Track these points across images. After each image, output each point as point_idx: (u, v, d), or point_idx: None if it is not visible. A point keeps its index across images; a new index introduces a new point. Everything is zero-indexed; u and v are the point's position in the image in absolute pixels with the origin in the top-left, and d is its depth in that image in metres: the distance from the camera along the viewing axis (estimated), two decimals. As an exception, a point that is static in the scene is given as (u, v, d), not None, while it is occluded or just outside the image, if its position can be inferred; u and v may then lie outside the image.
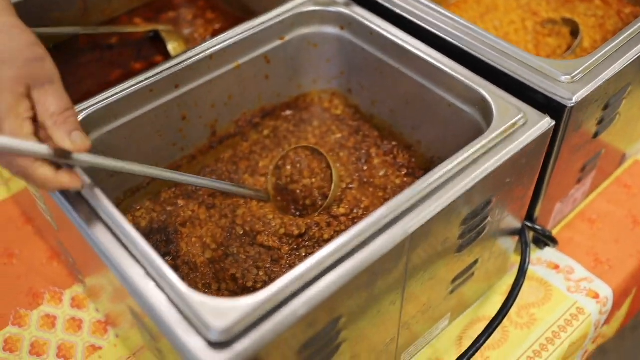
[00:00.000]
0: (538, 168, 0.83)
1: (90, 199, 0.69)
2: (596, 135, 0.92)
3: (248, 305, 0.60)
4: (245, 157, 0.97)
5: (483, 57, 0.85)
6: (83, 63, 1.09)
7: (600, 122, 0.90)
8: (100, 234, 0.67)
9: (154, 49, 1.11)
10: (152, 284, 0.63)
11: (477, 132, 0.82)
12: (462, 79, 0.82)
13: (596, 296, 0.98)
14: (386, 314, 0.75)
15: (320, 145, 0.97)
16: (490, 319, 0.85)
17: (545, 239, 0.97)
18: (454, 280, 0.85)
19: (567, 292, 0.99)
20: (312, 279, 0.63)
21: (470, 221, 0.76)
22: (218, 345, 0.59)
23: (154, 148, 0.89)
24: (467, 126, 0.84)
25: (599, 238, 1.06)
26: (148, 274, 0.64)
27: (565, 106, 0.79)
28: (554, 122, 0.78)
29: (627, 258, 1.03)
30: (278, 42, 0.94)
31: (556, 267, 1.02)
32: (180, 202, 0.92)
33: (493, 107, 0.78)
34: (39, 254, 1.06)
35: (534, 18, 1.14)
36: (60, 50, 1.11)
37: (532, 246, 1.03)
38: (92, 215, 0.69)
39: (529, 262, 0.89)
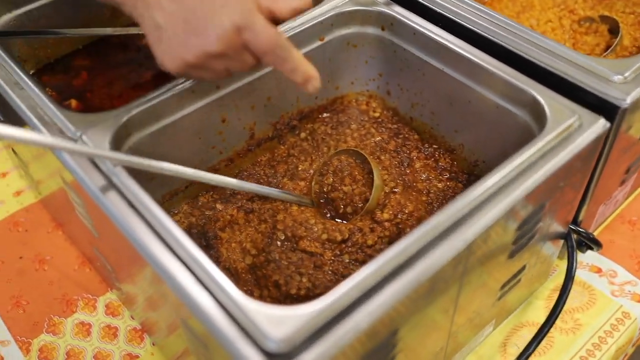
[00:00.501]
0: (589, 171, 0.81)
1: (139, 204, 0.67)
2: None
3: (307, 314, 0.58)
4: (283, 161, 0.96)
5: (529, 56, 0.83)
6: (113, 64, 1.07)
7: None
8: (148, 240, 0.65)
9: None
10: (204, 291, 0.61)
11: (525, 134, 0.80)
12: (512, 79, 0.80)
13: (641, 300, 0.97)
14: (439, 323, 0.73)
15: (359, 148, 0.95)
16: (534, 324, 0.84)
17: (589, 242, 0.95)
18: (502, 287, 0.83)
19: (612, 296, 0.97)
20: (371, 287, 0.61)
21: (525, 226, 0.74)
22: (276, 356, 0.57)
23: (194, 151, 0.87)
24: (514, 128, 0.82)
25: (640, 240, 1.04)
26: (200, 280, 0.62)
27: (618, 107, 0.77)
28: (609, 124, 0.75)
29: (672, 261, 1.01)
30: (318, 43, 0.92)
31: (599, 270, 1.01)
32: (219, 207, 0.90)
33: (546, 108, 0.76)
34: (70, 260, 1.05)
35: (571, 16, 1.12)
36: (90, 51, 1.09)
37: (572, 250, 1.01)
38: (141, 221, 0.66)
39: (576, 266, 0.87)
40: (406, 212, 0.86)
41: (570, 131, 0.74)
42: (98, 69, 1.06)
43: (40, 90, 0.81)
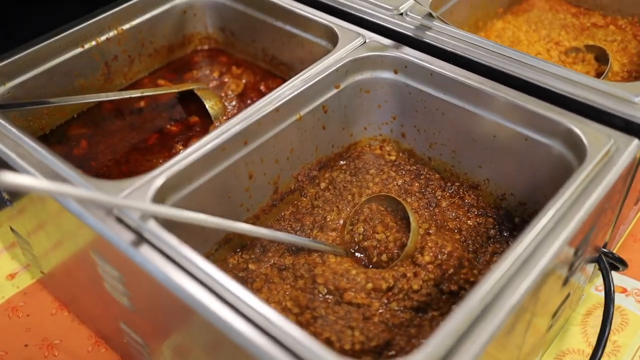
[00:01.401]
0: (624, 192, 0.83)
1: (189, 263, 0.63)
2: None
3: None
4: (308, 213, 0.93)
5: (550, 86, 0.85)
6: (113, 130, 1.03)
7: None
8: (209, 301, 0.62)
9: (185, 110, 1.07)
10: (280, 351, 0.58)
11: (559, 164, 0.81)
12: (540, 110, 0.81)
13: (670, 315, 0.98)
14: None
15: (384, 193, 0.94)
16: (575, 351, 0.83)
17: (616, 263, 0.96)
18: (553, 316, 0.82)
19: (642, 315, 0.98)
20: (462, 333, 0.59)
21: (578, 252, 0.74)
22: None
23: (224, 211, 0.84)
24: (546, 158, 0.83)
25: (655, 257, 1.06)
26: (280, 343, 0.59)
27: (644, 126, 0.79)
28: (642, 144, 0.77)
29: (686, 273, 1.04)
30: (334, 91, 0.92)
31: (624, 290, 1.02)
32: (252, 267, 0.86)
33: (582, 136, 0.77)
34: (82, 340, 0.97)
35: (558, 48, 1.16)
36: (85, 120, 1.05)
37: (592, 269, 1.03)
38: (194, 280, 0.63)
39: (614, 289, 0.88)
40: (445, 252, 0.85)
41: (610, 155, 0.75)
42: (98, 136, 1.02)
43: (60, 160, 0.76)
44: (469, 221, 0.91)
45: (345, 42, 0.94)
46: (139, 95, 0.99)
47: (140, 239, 0.68)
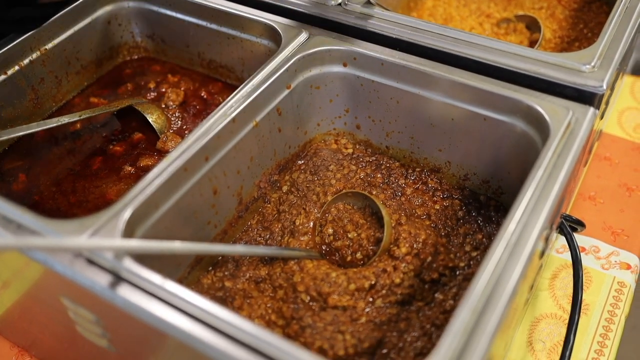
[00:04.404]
0: (583, 159, 0.85)
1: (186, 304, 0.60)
2: (603, 115, 0.96)
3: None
4: (275, 219, 0.91)
5: (502, 64, 0.85)
6: (51, 158, 0.96)
7: (606, 102, 0.94)
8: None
9: (126, 127, 1.01)
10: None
11: (521, 139, 0.83)
12: (496, 90, 0.82)
13: (628, 267, 1.02)
14: (506, 345, 0.73)
15: (347, 188, 0.93)
16: (548, 316, 0.86)
17: (574, 225, 0.99)
18: (530, 288, 0.84)
19: (603, 270, 1.02)
20: (471, 329, 0.59)
21: (552, 225, 0.76)
22: None
23: (193, 232, 0.81)
24: (507, 136, 0.84)
25: (605, 212, 1.11)
26: None
27: (596, 94, 0.82)
28: (597, 111, 0.80)
29: (637, 224, 1.09)
30: (286, 92, 0.89)
31: (582, 249, 1.05)
32: (228, 284, 0.83)
33: (542, 112, 0.78)
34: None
35: (490, 20, 1.18)
36: (19, 151, 0.97)
37: (556, 235, 1.06)
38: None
39: (579, 252, 0.91)
40: (420, 240, 0.85)
41: (572, 128, 0.77)
42: (36, 167, 0.94)
43: (9, 203, 0.71)
44: (436, 205, 0.92)
45: (288, 39, 0.91)
46: (77, 119, 0.93)
47: (118, 279, 0.64)
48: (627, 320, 0.98)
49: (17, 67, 0.95)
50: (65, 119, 0.92)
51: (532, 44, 1.13)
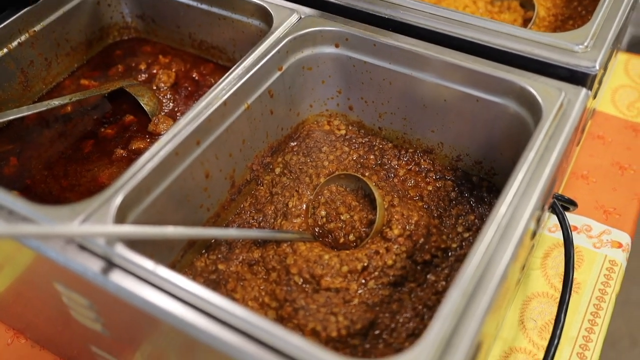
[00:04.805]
0: (575, 139, 0.85)
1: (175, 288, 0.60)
2: (596, 94, 0.95)
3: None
4: (268, 201, 0.91)
5: (495, 44, 0.85)
6: (42, 142, 0.96)
7: (599, 82, 0.93)
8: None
9: (118, 110, 1.00)
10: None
11: (514, 120, 0.83)
12: (488, 71, 0.82)
13: (620, 245, 1.03)
14: (498, 325, 0.73)
15: (340, 170, 0.92)
16: (540, 294, 0.86)
17: (567, 204, 1.00)
18: (522, 268, 0.85)
19: (595, 249, 1.03)
20: (462, 311, 0.59)
21: (543, 206, 0.76)
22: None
23: (185, 215, 0.80)
24: (499, 117, 0.84)
25: (598, 191, 1.11)
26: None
27: (589, 74, 0.81)
28: (589, 92, 0.79)
29: (629, 202, 1.09)
30: (278, 74, 0.88)
31: (574, 228, 1.06)
32: (221, 267, 0.84)
33: (535, 94, 0.78)
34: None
35: (483, -2, 1.16)
36: (9, 135, 0.97)
37: (549, 214, 1.06)
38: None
39: (571, 231, 0.91)
40: (412, 222, 0.85)
41: (564, 109, 0.77)
42: (27, 151, 0.94)
43: (1, 189, 0.70)
44: (428, 187, 0.92)
45: (280, 20, 0.90)
46: (68, 101, 0.92)
47: (110, 265, 0.64)
48: (618, 297, 0.99)
49: (5, 50, 0.94)
50: (55, 102, 0.91)
51: (525, 22, 1.12)
